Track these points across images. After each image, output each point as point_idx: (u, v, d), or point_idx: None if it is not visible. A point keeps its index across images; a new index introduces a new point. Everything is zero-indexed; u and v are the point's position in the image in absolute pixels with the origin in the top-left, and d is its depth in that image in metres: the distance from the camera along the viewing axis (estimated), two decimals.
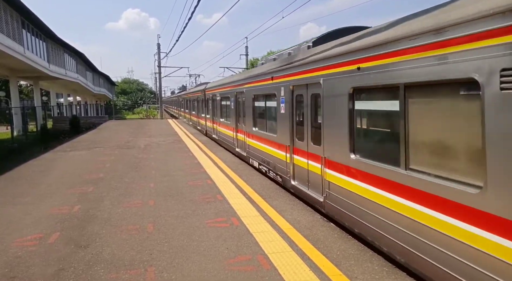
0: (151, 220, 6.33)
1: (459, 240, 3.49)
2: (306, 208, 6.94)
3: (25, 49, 22.56)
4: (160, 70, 46.91)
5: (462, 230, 3.46)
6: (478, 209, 3.27)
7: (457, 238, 3.52)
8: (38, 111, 26.16)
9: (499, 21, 3.05)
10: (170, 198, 7.69)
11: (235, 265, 4.57)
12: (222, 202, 7.32)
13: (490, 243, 3.17)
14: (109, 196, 7.97)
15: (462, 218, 3.45)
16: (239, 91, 12.70)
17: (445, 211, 3.66)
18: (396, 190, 4.43)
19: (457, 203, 3.51)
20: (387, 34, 4.57)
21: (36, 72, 26.50)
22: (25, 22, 23.47)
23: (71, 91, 48.76)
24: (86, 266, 4.61)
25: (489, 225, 3.18)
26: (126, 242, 5.35)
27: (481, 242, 3.25)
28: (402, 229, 4.31)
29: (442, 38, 3.63)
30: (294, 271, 4.39)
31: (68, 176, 10.16)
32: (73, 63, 38.16)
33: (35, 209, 7.08)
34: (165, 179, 9.45)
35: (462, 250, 3.46)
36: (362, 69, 5.06)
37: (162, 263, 4.66)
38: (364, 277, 4.25)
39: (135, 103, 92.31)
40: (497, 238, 3.10)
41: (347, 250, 5.00)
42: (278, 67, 8.66)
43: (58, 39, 30.59)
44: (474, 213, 3.32)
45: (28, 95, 50.54)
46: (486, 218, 3.20)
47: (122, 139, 19.14)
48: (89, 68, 48.41)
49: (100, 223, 6.20)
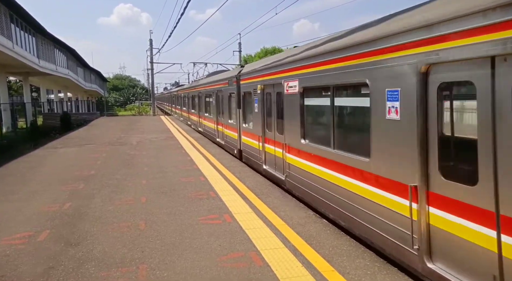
0: (143, 217, 6.28)
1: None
2: (299, 205, 6.96)
3: (14, 44, 22.16)
4: (152, 66, 46.51)
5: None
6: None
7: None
8: (28, 108, 25.79)
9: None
10: (162, 195, 7.64)
11: (227, 261, 4.55)
12: (215, 199, 7.29)
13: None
14: (101, 193, 7.89)
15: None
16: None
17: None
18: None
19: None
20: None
21: (26, 67, 26.09)
22: (13, 17, 23.04)
23: (62, 88, 48.10)
24: (77, 264, 4.55)
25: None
26: (118, 240, 5.30)
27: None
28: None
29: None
30: (286, 267, 4.39)
31: (59, 173, 10.03)
32: (63, 58, 37.64)
33: (25, 207, 6.98)
34: (157, 176, 9.39)
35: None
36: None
37: (154, 261, 4.62)
38: (356, 272, 4.27)
39: (127, 100, 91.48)
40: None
41: (340, 246, 5.02)
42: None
43: (48, 34, 30.13)
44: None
45: (18, 91, 49.72)
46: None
47: (114, 136, 18.96)
48: (80, 64, 47.82)
49: (91, 221, 6.13)
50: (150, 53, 45.15)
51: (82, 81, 48.68)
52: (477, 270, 3.32)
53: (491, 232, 3.15)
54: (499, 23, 2.93)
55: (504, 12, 2.91)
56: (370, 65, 4.74)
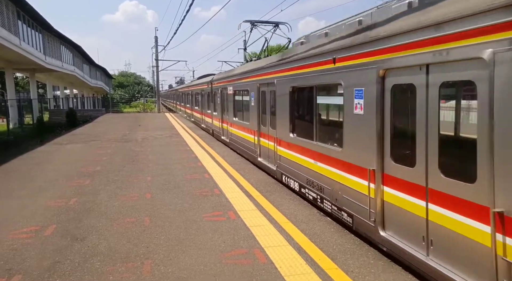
0: (148, 213, 6.32)
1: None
2: (303, 202, 6.96)
3: (21, 41, 22.32)
4: (157, 64, 46.65)
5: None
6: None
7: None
8: (34, 104, 25.96)
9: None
10: (167, 192, 7.68)
11: (231, 258, 4.57)
12: (219, 196, 7.32)
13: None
14: (106, 189, 7.95)
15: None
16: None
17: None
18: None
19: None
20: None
21: (32, 64, 26.25)
22: (20, 13, 23.19)
23: (68, 84, 48.38)
24: (82, 259, 4.60)
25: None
26: (123, 235, 5.34)
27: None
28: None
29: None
30: (290, 264, 4.40)
31: (65, 169, 10.12)
32: (69, 55, 37.82)
33: (31, 202, 7.05)
34: (162, 173, 9.43)
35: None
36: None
37: (158, 256, 4.66)
38: (360, 271, 4.27)
39: (132, 97, 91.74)
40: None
41: (344, 244, 5.02)
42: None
43: (54, 31, 30.27)
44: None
45: (24, 87, 50.06)
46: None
47: (119, 133, 19.06)
48: (86, 61, 48.01)
49: (96, 216, 6.18)
50: (155, 50, 45.31)
51: (88, 78, 48.90)
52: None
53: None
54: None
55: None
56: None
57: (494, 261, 3.17)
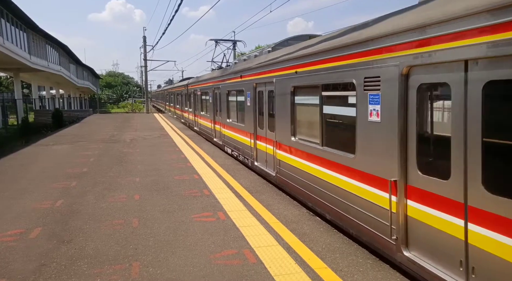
0: (136, 214, 6.25)
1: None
2: (292, 202, 6.99)
3: (4, 40, 21.82)
4: (146, 64, 46.09)
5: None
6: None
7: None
8: (19, 104, 25.43)
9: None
10: (156, 193, 7.61)
11: (221, 259, 4.56)
12: (208, 197, 7.29)
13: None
14: (93, 190, 7.83)
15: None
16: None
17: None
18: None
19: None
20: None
21: (17, 63, 25.70)
22: (3, 11, 22.68)
23: (54, 84, 47.46)
24: (69, 261, 4.52)
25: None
26: (111, 237, 5.27)
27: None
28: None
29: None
30: (280, 264, 4.41)
31: (51, 170, 9.93)
32: (55, 55, 37.15)
33: (16, 204, 6.90)
34: (151, 174, 9.35)
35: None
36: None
37: (147, 258, 4.61)
38: (349, 269, 4.31)
39: (120, 97, 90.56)
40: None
41: (333, 243, 5.06)
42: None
43: (39, 30, 29.70)
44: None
45: (8, 87, 49.01)
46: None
47: (107, 133, 18.81)
48: (72, 61, 47.24)
49: (83, 218, 6.09)
50: (144, 50, 44.74)
51: (75, 78, 48.10)
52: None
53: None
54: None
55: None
56: None
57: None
